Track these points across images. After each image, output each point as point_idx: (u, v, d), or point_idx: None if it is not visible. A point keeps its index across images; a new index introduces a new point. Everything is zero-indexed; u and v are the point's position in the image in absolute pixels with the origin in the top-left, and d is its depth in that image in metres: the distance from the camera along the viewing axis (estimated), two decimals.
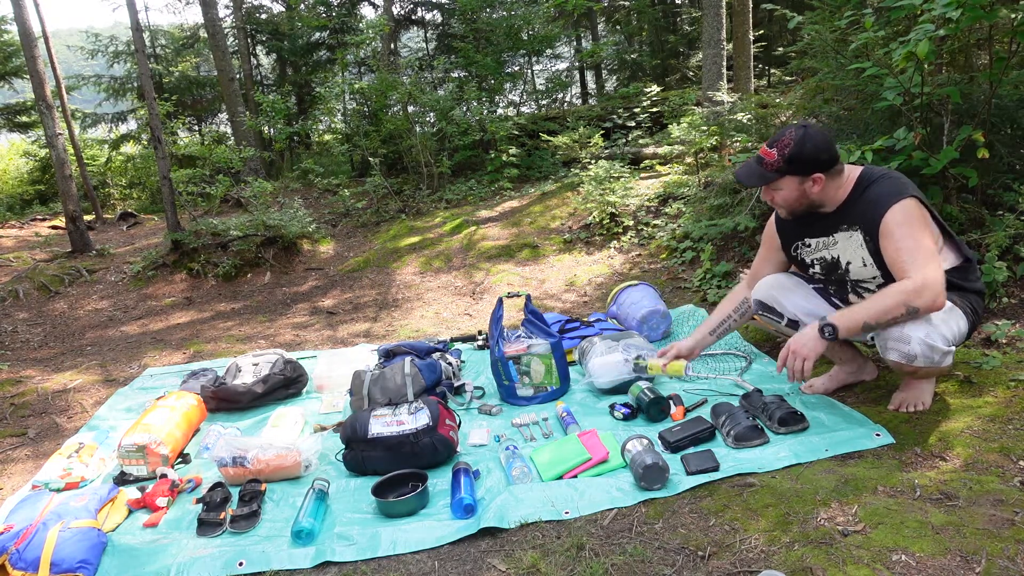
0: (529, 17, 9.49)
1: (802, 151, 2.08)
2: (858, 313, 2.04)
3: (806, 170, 2.11)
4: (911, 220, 2.03)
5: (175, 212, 6.70)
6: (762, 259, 2.53)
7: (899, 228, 2.03)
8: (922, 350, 2.01)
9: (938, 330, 2.03)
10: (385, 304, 5.19)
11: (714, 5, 6.58)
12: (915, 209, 2.05)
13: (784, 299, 2.40)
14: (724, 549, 1.75)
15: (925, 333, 2.00)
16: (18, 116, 12.49)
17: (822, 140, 2.10)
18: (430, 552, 1.92)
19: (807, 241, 2.32)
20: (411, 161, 8.66)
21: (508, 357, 2.90)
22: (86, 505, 2.14)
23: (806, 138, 2.08)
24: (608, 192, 5.86)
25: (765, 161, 2.15)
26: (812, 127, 2.12)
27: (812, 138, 2.09)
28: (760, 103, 5.37)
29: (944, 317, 2.06)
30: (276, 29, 12.67)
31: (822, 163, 2.10)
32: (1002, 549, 1.58)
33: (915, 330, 2.01)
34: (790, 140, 2.10)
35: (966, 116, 3.22)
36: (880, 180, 2.13)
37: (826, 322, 2.06)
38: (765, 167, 2.15)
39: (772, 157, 2.12)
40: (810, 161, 2.09)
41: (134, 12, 6.51)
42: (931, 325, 2.02)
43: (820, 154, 2.09)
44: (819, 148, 2.09)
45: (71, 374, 3.99)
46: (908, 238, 2.02)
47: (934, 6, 2.66)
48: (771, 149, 2.13)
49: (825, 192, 2.15)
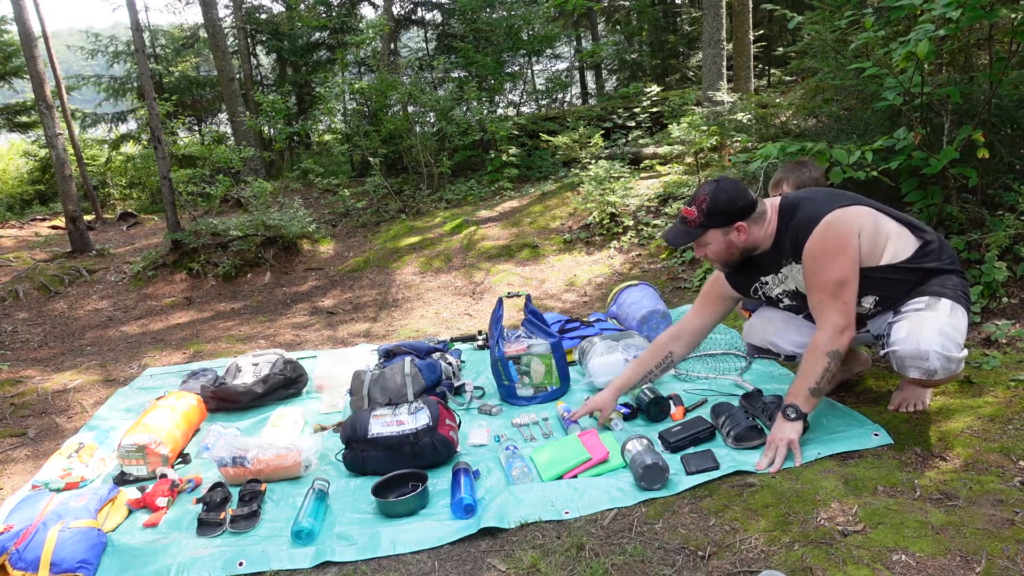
0: (529, 17, 9.49)
1: (717, 204, 2.12)
2: (802, 384, 2.11)
3: (726, 221, 2.15)
4: (825, 249, 2.05)
5: (175, 212, 6.70)
6: (695, 313, 2.48)
7: (814, 263, 2.08)
8: (941, 364, 1.96)
9: (951, 338, 1.98)
10: (385, 304, 5.19)
11: (714, 5, 6.58)
12: (832, 230, 2.05)
13: (777, 339, 2.45)
14: (724, 549, 1.75)
15: (941, 346, 1.96)
16: (18, 116, 12.49)
17: (735, 190, 2.14)
18: (430, 552, 1.92)
19: (763, 280, 2.31)
20: (411, 161, 8.66)
21: (508, 357, 2.90)
22: (86, 505, 2.13)
23: (718, 191, 2.13)
24: (608, 192, 5.86)
25: (688, 220, 2.19)
26: (724, 179, 2.17)
27: (724, 190, 2.14)
28: (760, 103, 5.38)
29: (951, 320, 2.01)
30: (276, 29, 12.67)
31: (740, 210, 2.14)
32: (1002, 549, 1.58)
33: (931, 343, 1.96)
34: (705, 195, 2.15)
35: (966, 116, 3.22)
36: (799, 206, 2.14)
37: (785, 406, 2.13)
38: (689, 225, 2.19)
39: (693, 215, 2.17)
40: (727, 212, 2.13)
41: (134, 12, 6.51)
42: (944, 335, 1.97)
43: (735, 203, 2.13)
44: (733, 198, 2.13)
45: (71, 374, 3.99)
46: (820, 272, 2.07)
47: (934, 6, 2.66)
48: (691, 207, 2.18)
49: (752, 236, 2.18)
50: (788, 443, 2.08)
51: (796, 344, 2.40)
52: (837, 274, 2.03)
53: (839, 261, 2.03)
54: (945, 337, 1.97)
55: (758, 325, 2.52)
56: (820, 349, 2.06)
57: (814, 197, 2.15)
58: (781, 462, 2.07)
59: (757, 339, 2.52)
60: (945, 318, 2.01)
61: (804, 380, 2.10)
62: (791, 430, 2.10)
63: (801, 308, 2.31)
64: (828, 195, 2.15)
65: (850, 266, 2.04)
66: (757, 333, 2.52)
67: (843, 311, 2.05)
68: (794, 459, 2.08)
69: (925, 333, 1.98)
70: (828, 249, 2.04)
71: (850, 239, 2.04)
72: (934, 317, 2.02)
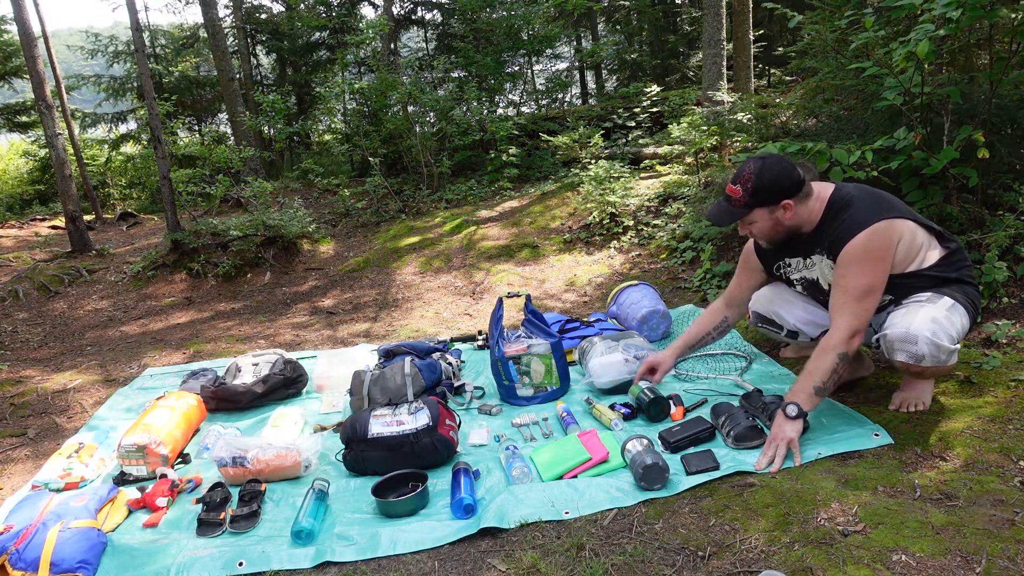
0: (529, 17, 9.49)
1: (763, 182, 2.10)
2: (806, 382, 2.10)
3: (773, 199, 2.13)
4: (866, 255, 2.05)
5: (175, 212, 6.69)
6: (737, 283, 2.56)
7: (849, 266, 2.07)
8: (930, 350, 2.01)
9: (944, 328, 2.03)
10: (385, 304, 5.19)
11: (714, 5, 6.58)
12: (877, 239, 2.05)
13: (783, 311, 2.46)
14: (724, 549, 1.75)
15: (932, 332, 2.01)
16: (18, 116, 12.48)
17: (780, 168, 2.11)
18: (430, 552, 1.92)
19: (787, 261, 2.33)
20: (411, 161, 8.65)
21: (508, 357, 2.90)
22: (86, 505, 2.13)
23: (764, 169, 2.11)
24: (608, 192, 5.86)
25: (732, 199, 2.17)
26: (770, 157, 2.14)
27: (770, 167, 2.11)
28: (760, 103, 5.38)
29: (948, 315, 2.06)
30: (276, 29, 12.67)
31: (786, 189, 2.12)
32: (1002, 549, 1.57)
33: (922, 328, 2.01)
34: (750, 174, 2.12)
35: (966, 116, 3.22)
36: (852, 205, 2.12)
37: (786, 404, 2.12)
38: (734, 204, 2.18)
39: (738, 193, 2.15)
40: (774, 190, 2.11)
41: (134, 12, 6.51)
42: (937, 323, 2.02)
43: (782, 181, 2.11)
44: (779, 176, 2.10)
45: (71, 374, 3.99)
46: (852, 276, 2.06)
47: (934, 6, 2.66)
48: (735, 186, 2.16)
49: (798, 215, 2.17)
50: (788, 442, 2.08)
51: (800, 320, 2.41)
52: (868, 281, 2.05)
53: (874, 270, 2.05)
54: (937, 325, 2.01)
55: (766, 295, 2.53)
56: (832, 348, 2.06)
57: (866, 201, 2.13)
58: (780, 462, 2.07)
59: (763, 308, 2.53)
60: (942, 311, 2.05)
61: (809, 378, 2.09)
62: (791, 429, 2.09)
63: (812, 298, 2.34)
64: (879, 202, 2.13)
65: (882, 277, 2.06)
66: (764, 302, 2.53)
67: (861, 317, 2.06)
68: (793, 458, 2.07)
69: (918, 319, 2.04)
70: (868, 256, 2.04)
71: (889, 251, 2.06)
72: (931, 308, 2.06)
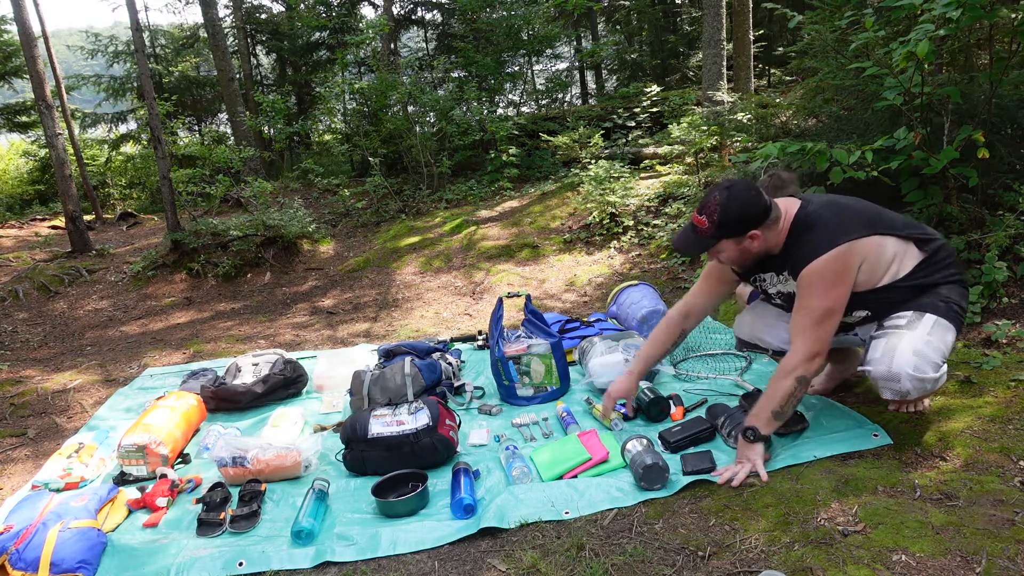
0: (529, 17, 9.49)
1: (729, 214, 2.02)
2: (765, 406, 2.07)
3: (740, 231, 2.05)
4: (822, 279, 1.99)
5: (175, 212, 6.69)
6: (700, 292, 2.44)
7: (808, 289, 2.02)
8: (913, 384, 1.97)
9: (927, 357, 1.97)
10: (385, 304, 5.19)
11: (714, 5, 6.58)
12: (836, 263, 1.98)
13: (767, 335, 2.45)
14: (724, 549, 1.75)
15: (913, 367, 1.96)
16: (18, 116, 12.48)
17: (748, 197, 2.03)
18: (430, 552, 1.92)
19: (762, 276, 2.28)
20: (411, 161, 8.66)
21: (508, 357, 2.90)
22: (86, 505, 2.13)
23: (730, 199, 2.02)
24: (608, 192, 5.86)
25: (699, 229, 2.09)
26: (736, 186, 2.05)
27: (736, 198, 2.02)
28: (760, 103, 5.38)
29: (930, 338, 1.99)
30: (276, 29, 12.67)
31: (753, 219, 2.04)
32: (1002, 549, 1.57)
33: (903, 365, 1.96)
34: (716, 205, 2.04)
35: (966, 116, 3.22)
36: (814, 227, 2.05)
37: (744, 428, 2.10)
38: (700, 234, 2.10)
39: (704, 224, 2.07)
40: (740, 222, 2.04)
41: (134, 12, 6.51)
42: (919, 355, 1.96)
43: (749, 211, 2.03)
44: (746, 206, 2.02)
45: (71, 374, 3.99)
46: (811, 299, 2.01)
47: (934, 6, 2.66)
48: (701, 216, 2.07)
49: (766, 242, 2.10)
50: (752, 464, 2.07)
51: (785, 341, 2.37)
52: (827, 305, 2.00)
53: (832, 293, 1.99)
54: (920, 357, 1.96)
55: (747, 320, 2.52)
56: (790, 371, 2.02)
57: (830, 221, 2.04)
58: (740, 480, 2.04)
59: (746, 334, 2.53)
60: (923, 336, 1.99)
61: (767, 402, 2.07)
62: (753, 452, 2.08)
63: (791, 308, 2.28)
64: (842, 222, 2.04)
65: (842, 300, 2.01)
66: (746, 328, 2.52)
67: (821, 339, 2.01)
68: (760, 478, 2.05)
69: (899, 354, 1.97)
70: (826, 280, 1.99)
71: (849, 274, 2.00)
72: (911, 336, 1.99)
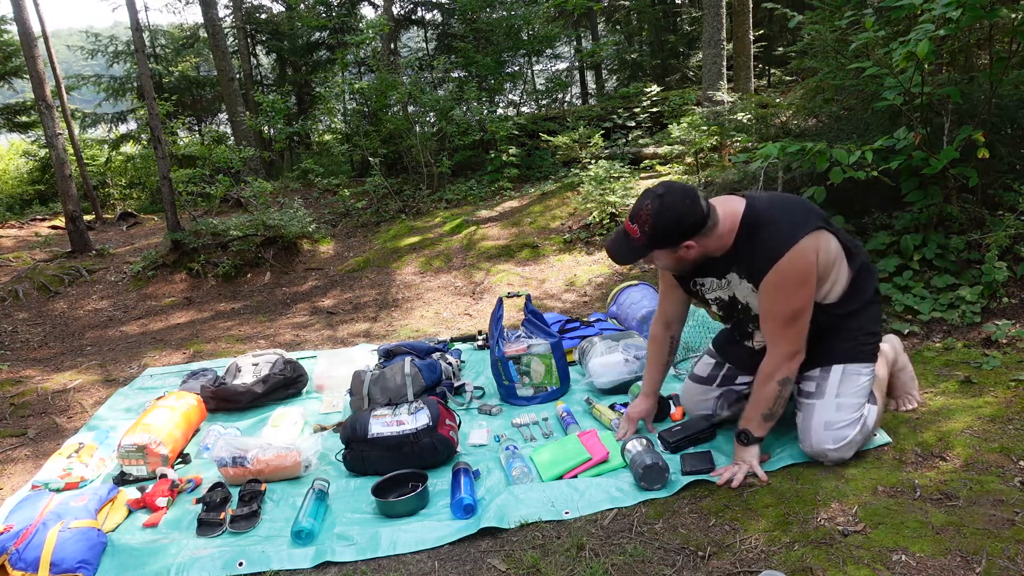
0: (529, 17, 9.49)
1: (660, 225, 1.91)
2: (754, 412, 2.08)
3: (672, 242, 1.95)
4: (786, 281, 1.94)
5: (175, 212, 6.69)
6: (664, 294, 2.39)
7: (773, 294, 1.97)
8: (840, 454, 2.05)
9: (836, 427, 2.03)
10: (385, 304, 5.19)
11: (714, 5, 6.58)
12: (797, 263, 1.92)
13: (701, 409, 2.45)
14: (724, 549, 1.75)
15: (831, 440, 2.03)
16: (18, 116, 12.47)
17: (682, 207, 1.91)
18: (430, 552, 1.92)
19: (701, 280, 2.20)
20: (411, 161, 8.65)
21: (508, 357, 2.90)
22: (86, 505, 2.13)
23: (662, 210, 1.90)
24: (608, 192, 5.86)
25: (631, 237, 1.98)
26: (669, 194, 1.92)
27: (669, 208, 1.90)
28: (760, 103, 5.38)
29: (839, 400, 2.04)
30: (276, 29, 12.67)
31: (687, 230, 1.93)
32: (1002, 549, 1.57)
33: (820, 442, 2.04)
34: (648, 215, 1.92)
35: (966, 116, 3.22)
36: (767, 227, 1.96)
37: (738, 432, 2.12)
38: (632, 243, 1.98)
39: (636, 234, 1.95)
40: (674, 233, 1.93)
41: (134, 12, 6.50)
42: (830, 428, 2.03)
43: (683, 223, 1.92)
44: (679, 217, 1.91)
45: (71, 374, 3.99)
46: (777, 304, 1.98)
47: (934, 6, 2.67)
48: (633, 225, 1.96)
49: (705, 248, 2.00)
50: (749, 466, 2.08)
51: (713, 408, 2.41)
52: (794, 306, 1.96)
53: (799, 292, 1.95)
54: (831, 430, 2.03)
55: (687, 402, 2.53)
56: (771, 376, 2.02)
57: (782, 219, 1.96)
58: (739, 481, 2.05)
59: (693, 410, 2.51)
60: (832, 401, 2.05)
61: (756, 407, 2.07)
62: (749, 454, 2.09)
63: (728, 317, 2.25)
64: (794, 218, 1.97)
65: (808, 298, 1.97)
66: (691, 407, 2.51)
67: (795, 340, 1.99)
68: (759, 479, 2.05)
69: (814, 432, 2.05)
70: (789, 283, 1.94)
71: (811, 272, 1.95)
72: (820, 406, 2.06)
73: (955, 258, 3.18)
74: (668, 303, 2.38)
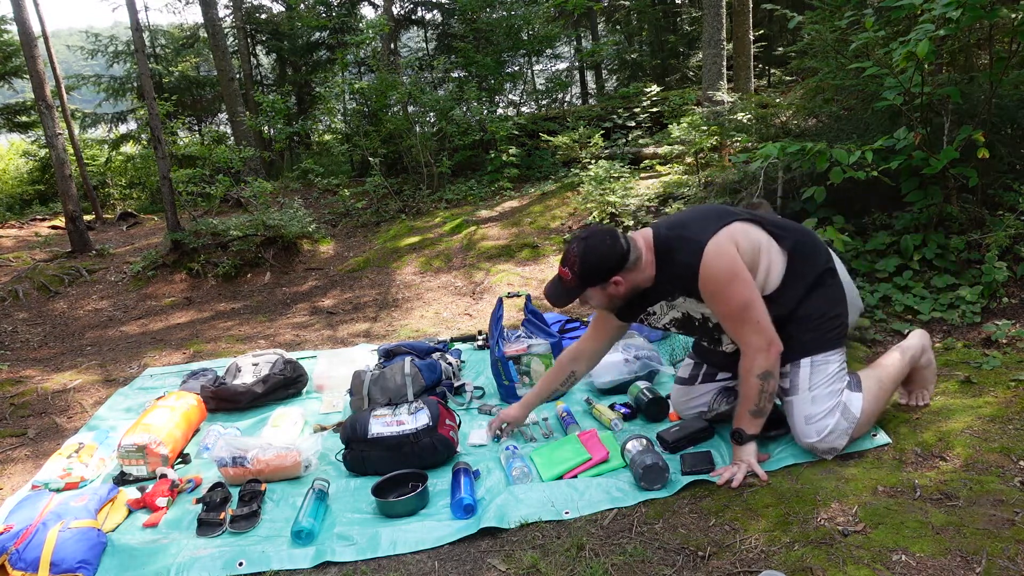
0: (529, 17, 9.48)
1: (588, 265, 2.06)
2: (743, 410, 2.11)
3: (602, 279, 2.08)
4: (717, 284, 2.01)
5: (175, 212, 6.69)
6: (589, 336, 2.45)
7: (710, 299, 2.04)
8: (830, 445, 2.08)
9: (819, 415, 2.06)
10: (385, 304, 5.19)
11: (714, 5, 6.57)
12: (717, 263, 1.99)
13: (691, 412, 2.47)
14: (724, 549, 1.75)
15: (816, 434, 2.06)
16: (18, 116, 12.47)
17: (604, 246, 2.06)
18: (430, 552, 1.92)
19: (650, 310, 2.26)
20: (411, 161, 8.65)
21: (508, 357, 2.90)
22: (86, 505, 2.13)
23: (588, 251, 2.06)
24: (608, 192, 5.86)
25: (564, 280, 2.13)
26: (593, 235, 2.08)
27: (593, 248, 2.06)
28: (760, 103, 5.38)
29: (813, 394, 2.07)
30: (276, 29, 12.67)
31: (613, 267, 2.07)
32: (1002, 549, 1.57)
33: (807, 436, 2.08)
34: (575, 257, 2.07)
35: (966, 116, 3.22)
36: (676, 243, 2.07)
37: (732, 432, 2.14)
38: (566, 284, 2.13)
39: (568, 276, 2.10)
40: (600, 271, 2.07)
41: (134, 12, 6.51)
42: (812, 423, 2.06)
43: (607, 261, 2.06)
44: (604, 256, 2.05)
45: (71, 374, 3.99)
46: (723, 304, 2.03)
47: (934, 6, 2.67)
48: (564, 268, 2.11)
49: (632, 282, 2.11)
50: (747, 464, 2.09)
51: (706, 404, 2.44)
52: (737, 300, 2.00)
53: (734, 287, 2.00)
54: (812, 423, 2.07)
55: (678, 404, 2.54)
56: (749, 372, 2.05)
57: (684, 232, 2.07)
58: (739, 481, 2.05)
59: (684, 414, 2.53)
60: (807, 396, 2.08)
61: (744, 405, 2.10)
62: (746, 453, 2.11)
63: (692, 332, 2.29)
64: (700, 223, 2.07)
65: (746, 287, 2.01)
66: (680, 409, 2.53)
67: (757, 330, 2.02)
68: (759, 478, 2.06)
69: (798, 429, 2.11)
70: (720, 283, 2.00)
71: (735, 262, 2.00)
72: (797, 403, 2.10)
73: (955, 258, 3.18)
74: (587, 341, 2.45)
